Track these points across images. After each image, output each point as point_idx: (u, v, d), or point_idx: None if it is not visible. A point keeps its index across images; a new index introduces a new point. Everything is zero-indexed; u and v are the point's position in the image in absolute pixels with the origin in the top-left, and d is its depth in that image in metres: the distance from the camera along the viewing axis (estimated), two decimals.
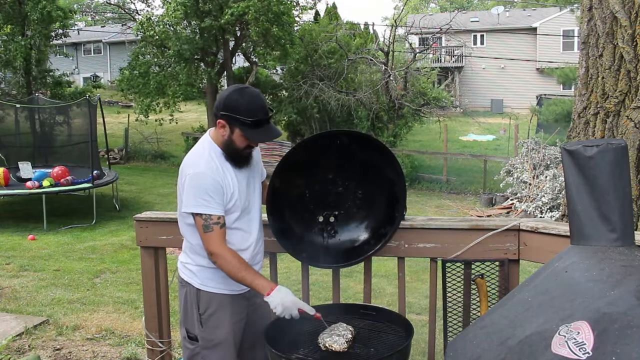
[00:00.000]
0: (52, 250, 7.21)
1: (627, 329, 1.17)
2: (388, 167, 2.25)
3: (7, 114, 12.22)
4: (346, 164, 2.29)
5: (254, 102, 1.98)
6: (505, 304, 1.62)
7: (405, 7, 28.22)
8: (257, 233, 2.19)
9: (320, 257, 2.32)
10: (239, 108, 1.95)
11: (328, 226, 2.36)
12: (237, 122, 1.96)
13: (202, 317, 2.10)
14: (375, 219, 2.34)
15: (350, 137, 2.25)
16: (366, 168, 2.29)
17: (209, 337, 2.10)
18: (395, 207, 2.28)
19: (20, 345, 3.77)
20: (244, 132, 1.98)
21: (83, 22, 37.27)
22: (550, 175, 10.41)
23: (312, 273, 4.46)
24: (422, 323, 4.24)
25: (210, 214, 1.98)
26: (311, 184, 2.33)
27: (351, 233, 2.36)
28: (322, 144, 2.25)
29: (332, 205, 2.35)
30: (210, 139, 2.09)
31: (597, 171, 1.53)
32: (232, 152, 2.05)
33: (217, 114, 2.01)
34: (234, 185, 2.06)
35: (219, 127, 2.02)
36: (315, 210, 2.35)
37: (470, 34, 30.02)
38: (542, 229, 2.16)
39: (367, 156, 2.25)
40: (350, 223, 2.36)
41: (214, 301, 2.10)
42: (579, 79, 3.04)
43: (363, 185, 2.33)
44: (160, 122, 16.88)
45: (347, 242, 2.35)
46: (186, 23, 16.20)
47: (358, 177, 2.32)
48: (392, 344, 2.04)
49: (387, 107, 16.76)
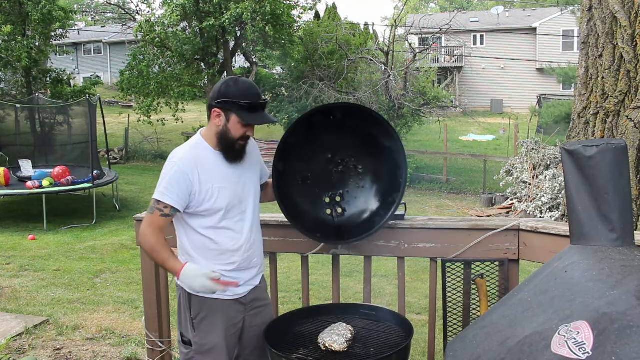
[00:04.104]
0: (52, 250, 7.21)
1: (626, 329, 1.17)
2: (383, 135, 2.25)
3: (8, 114, 12.23)
4: (342, 141, 2.30)
5: (249, 89, 1.99)
6: (505, 304, 1.62)
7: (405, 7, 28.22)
8: (250, 234, 2.12)
9: (333, 234, 2.31)
10: (235, 93, 1.96)
11: (335, 205, 2.35)
12: (233, 106, 1.96)
13: (194, 321, 2.07)
14: (381, 189, 2.33)
15: (343, 110, 2.27)
16: (362, 141, 2.29)
17: (201, 342, 2.07)
18: (398, 173, 2.26)
19: (20, 345, 3.77)
20: (240, 117, 1.97)
21: (83, 22, 37.29)
22: (550, 175, 10.41)
23: (312, 273, 4.47)
24: (422, 323, 4.25)
25: (160, 200, 1.97)
26: (312, 166, 2.33)
27: (359, 208, 2.35)
28: (317, 122, 2.24)
29: (335, 186, 2.35)
30: (200, 136, 2.08)
31: (597, 171, 1.53)
32: (227, 143, 2.03)
33: (212, 104, 2.00)
34: (218, 180, 2.02)
35: (214, 117, 2.01)
36: (320, 192, 2.34)
37: (470, 34, 30.01)
38: (542, 229, 2.16)
39: (361, 128, 2.26)
40: (357, 199, 2.36)
41: (205, 306, 2.06)
42: (579, 79, 3.04)
43: (362, 159, 2.34)
44: (162, 122, 16.89)
45: (357, 217, 2.34)
46: (186, 24, 16.21)
47: (356, 152, 2.33)
48: (392, 344, 2.04)
49: (387, 107, 16.76)
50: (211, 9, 15.27)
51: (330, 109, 2.27)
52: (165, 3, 15.58)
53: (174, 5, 14.88)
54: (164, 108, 17.02)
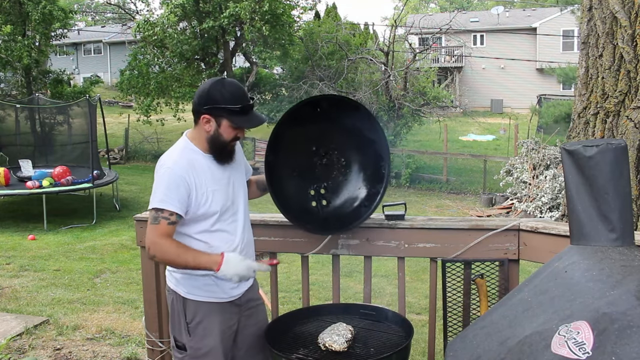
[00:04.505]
0: (52, 250, 7.21)
1: (626, 329, 1.17)
2: (367, 129, 2.29)
3: (8, 114, 12.24)
4: (327, 134, 2.32)
5: (237, 90, 1.95)
6: (505, 304, 1.62)
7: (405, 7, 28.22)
8: (243, 234, 2.11)
9: (322, 225, 2.31)
10: (224, 98, 1.92)
11: (321, 198, 2.35)
12: (224, 112, 1.92)
13: (190, 325, 2.04)
14: (365, 181, 2.36)
15: (330, 102, 2.29)
16: (347, 133, 2.31)
17: (197, 346, 2.04)
18: (382, 165, 2.31)
19: (20, 345, 3.77)
20: (232, 121, 1.94)
21: (83, 22, 37.28)
22: (550, 175, 10.40)
23: (312, 273, 4.47)
24: (422, 323, 4.25)
25: (163, 209, 1.90)
26: (299, 159, 2.33)
27: (344, 200, 2.36)
28: (305, 115, 2.24)
29: (320, 178, 2.35)
30: (187, 139, 2.03)
31: (596, 171, 1.53)
32: (218, 147, 2.00)
33: (200, 110, 1.95)
34: (210, 184, 2.00)
35: (203, 123, 1.96)
36: (305, 184, 2.34)
37: (470, 34, 30.01)
38: (542, 229, 2.16)
39: (346, 121, 2.28)
40: (341, 191, 2.37)
41: (201, 310, 2.04)
42: (579, 79, 3.04)
43: (345, 152, 2.36)
44: (162, 122, 16.89)
45: (342, 208, 2.35)
46: (186, 23, 16.21)
47: (339, 144, 2.35)
48: (392, 344, 2.04)
49: (387, 107, 16.76)
50: (210, 8, 15.27)
51: (319, 101, 2.27)
52: (164, 3, 15.58)
53: (173, 5, 14.87)
54: (164, 108, 17.02)
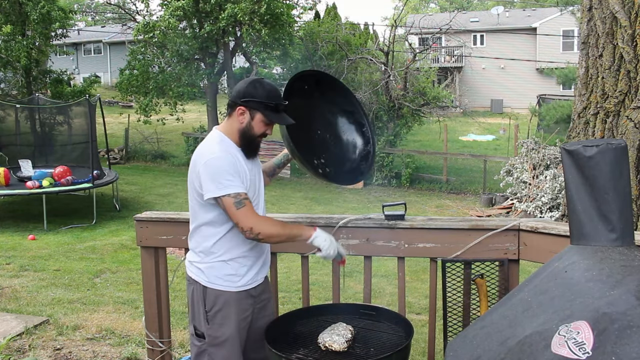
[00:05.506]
0: (52, 250, 7.21)
1: (626, 329, 1.17)
2: (345, 103, 2.50)
3: (8, 114, 12.23)
4: (315, 110, 2.48)
5: (274, 90, 2.11)
6: (505, 304, 1.62)
7: (405, 7, 28.21)
8: None
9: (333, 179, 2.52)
10: (261, 94, 2.06)
11: (323, 166, 2.45)
12: (260, 106, 2.06)
13: (209, 314, 2.13)
14: (356, 147, 2.53)
15: (314, 78, 2.43)
16: (331, 111, 2.50)
17: (215, 335, 2.12)
18: (364, 130, 2.52)
19: (20, 345, 3.77)
20: (266, 115, 2.07)
21: (83, 22, 37.27)
22: (550, 175, 10.40)
23: (312, 273, 4.47)
24: (422, 323, 4.25)
25: (238, 192, 2.01)
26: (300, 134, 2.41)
27: (343, 164, 2.49)
28: (297, 90, 2.34)
29: (319, 150, 2.47)
30: (220, 132, 2.14)
31: (596, 171, 1.52)
32: (247, 140, 2.11)
33: (237, 101, 2.09)
34: (245, 174, 2.11)
35: (237, 115, 2.09)
36: (309, 157, 2.42)
37: (470, 34, 30.00)
38: (542, 229, 2.16)
39: (329, 99, 2.46)
40: (339, 158, 2.51)
41: (220, 299, 2.12)
42: (579, 79, 3.04)
43: (330, 127, 2.52)
44: (162, 122, 16.89)
45: (345, 171, 2.49)
46: (186, 24, 16.21)
47: (324, 119, 2.50)
48: (392, 344, 2.04)
49: (387, 107, 16.75)
50: (209, 8, 15.26)
51: (305, 77, 2.40)
52: (163, 4, 15.57)
53: (172, 8, 14.88)
54: (164, 108, 17.01)
